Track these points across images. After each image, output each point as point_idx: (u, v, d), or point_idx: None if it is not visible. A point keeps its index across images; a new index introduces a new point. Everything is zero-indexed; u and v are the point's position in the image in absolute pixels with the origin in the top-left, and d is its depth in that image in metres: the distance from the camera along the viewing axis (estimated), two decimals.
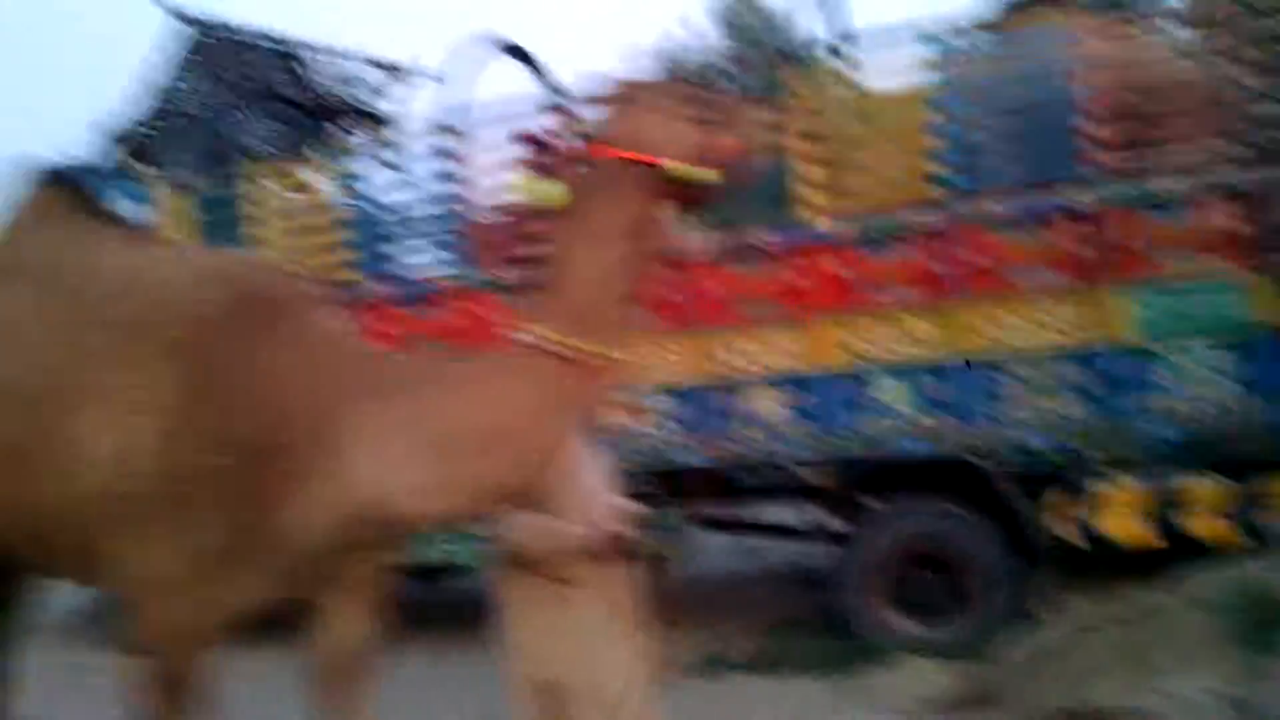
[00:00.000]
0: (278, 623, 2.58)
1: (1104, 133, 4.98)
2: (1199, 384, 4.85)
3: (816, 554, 6.50)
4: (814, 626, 5.83)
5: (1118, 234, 4.93)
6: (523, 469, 2.48)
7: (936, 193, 5.29)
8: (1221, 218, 4.76)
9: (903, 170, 5.34)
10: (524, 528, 2.79)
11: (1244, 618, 3.94)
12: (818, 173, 5.46)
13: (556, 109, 6.27)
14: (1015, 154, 5.20)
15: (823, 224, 5.47)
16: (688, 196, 2.49)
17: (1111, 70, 4.98)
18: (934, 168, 5.28)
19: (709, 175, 2.42)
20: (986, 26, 6.01)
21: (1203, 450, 4.88)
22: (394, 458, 2.37)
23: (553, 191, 2.50)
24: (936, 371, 5.31)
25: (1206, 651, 3.89)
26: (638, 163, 2.41)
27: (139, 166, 7.33)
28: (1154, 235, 4.89)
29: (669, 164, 2.40)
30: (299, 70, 7.57)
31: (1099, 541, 5.02)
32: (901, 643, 5.36)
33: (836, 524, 6.03)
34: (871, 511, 5.68)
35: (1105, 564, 5.21)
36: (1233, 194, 4.76)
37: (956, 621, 5.39)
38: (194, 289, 2.54)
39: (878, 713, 4.75)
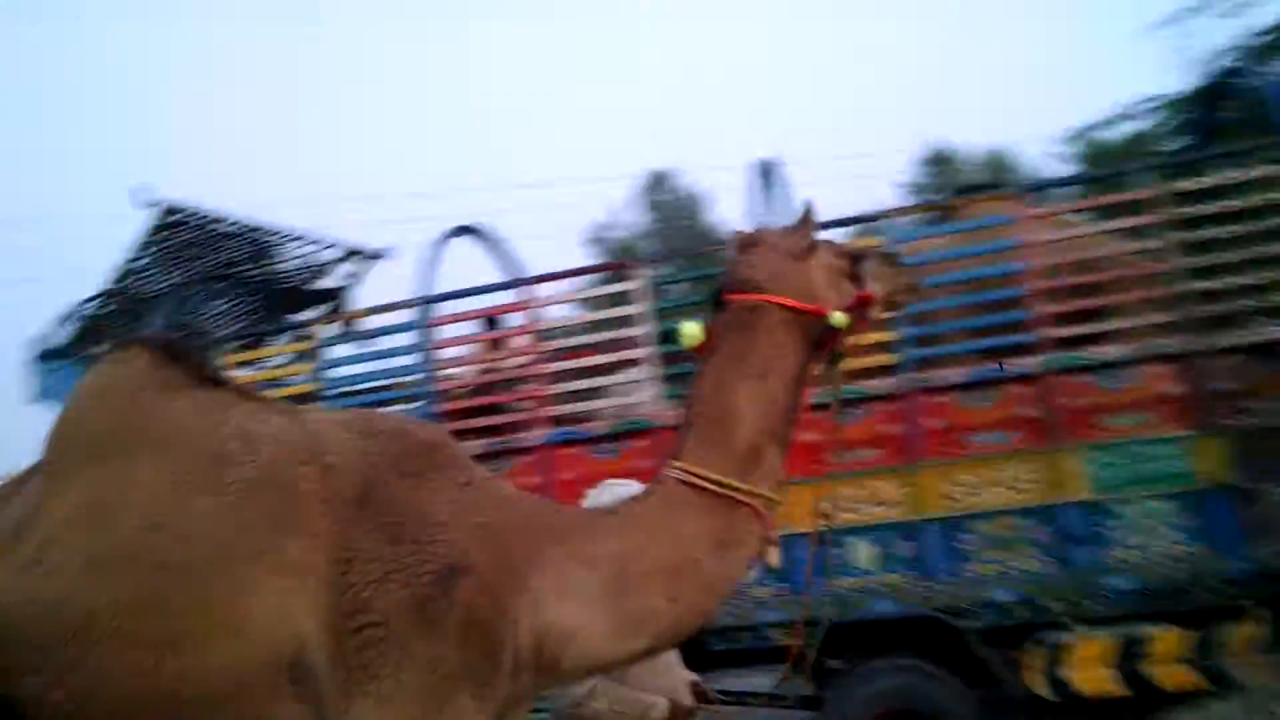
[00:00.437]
0: None
1: (1048, 306, 5.45)
2: (1151, 537, 5.15)
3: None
4: None
5: (1065, 398, 5.32)
6: (697, 608, 2.52)
7: (894, 361, 5.64)
8: (1160, 381, 5.18)
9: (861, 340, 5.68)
10: (604, 695, 2.78)
11: None
12: None
13: (514, 287, 6.55)
14: (968, 326, 5.62)
15: None
16: (828, 347, 2.63)
17: (1051, 250, 5.46)
18: (891, 338, 5.64)
19: (861, 328, 2.60)
20: (934, 210, 6.54)
21: (1160, 600, 5.14)
22: (575, 598, 2.40)
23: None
24: (903, 531, 5.53)
25: None
26: (805, 312, 2.54)
27: (95, 347, 7.35)
28: (1099, 399, 5.29)
29: (835, 315, 2.53)
30: (265, 255, 7.75)
31: (1067, 692, 5.18)
32: None
33: (807, 688, 6.08)
34: (843, 672, 5.76)
35: (1075, 714, 5.34)
36: (1168, 359, 5.21)
37: None
38: (350, 442, 2.52)
39: None
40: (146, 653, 2.30)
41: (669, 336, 6.21)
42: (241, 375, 7.04)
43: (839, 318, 2.54)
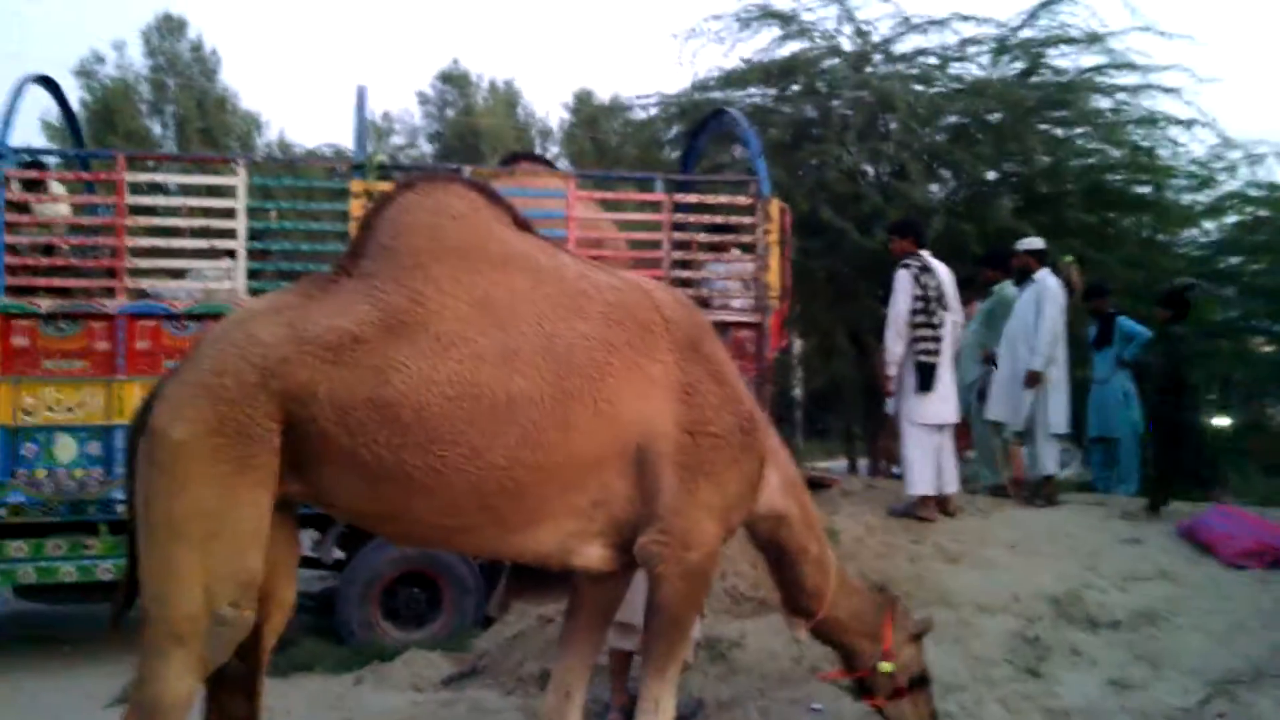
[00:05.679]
0: None
1: None
2: None
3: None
4: (317, 641, 6.64)
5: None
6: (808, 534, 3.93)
7: None
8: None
9: None
10: None
11: None
12: None
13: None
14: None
15: None
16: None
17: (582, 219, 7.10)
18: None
19: (896, 690, 4.07)
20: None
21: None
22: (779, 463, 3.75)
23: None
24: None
25: None
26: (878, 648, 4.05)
27: None
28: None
29: (884, 665, 3.99)
30: None
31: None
32: (397, 647, 6.35)
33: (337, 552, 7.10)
34: (365, 540, 6.69)
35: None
36: None
37: (437, 624, 6.81)
38: (675, 303, 3.40)
39: (398, 690, 5.67)
40: (547, 431, 2.96)
41: (258, 235, 6.83)
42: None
43: (885, 666, 3.94)
